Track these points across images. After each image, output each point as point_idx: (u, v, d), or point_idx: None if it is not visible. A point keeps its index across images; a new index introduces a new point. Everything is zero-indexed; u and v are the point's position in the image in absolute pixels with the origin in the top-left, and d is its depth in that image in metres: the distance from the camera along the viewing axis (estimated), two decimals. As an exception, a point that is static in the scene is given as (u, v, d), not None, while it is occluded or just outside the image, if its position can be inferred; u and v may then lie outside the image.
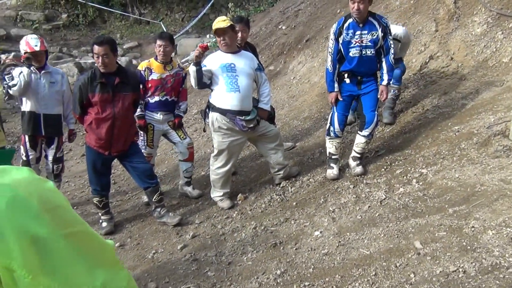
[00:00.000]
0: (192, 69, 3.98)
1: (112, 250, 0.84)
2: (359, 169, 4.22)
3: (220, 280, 3.21)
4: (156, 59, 4.48)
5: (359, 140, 4.25)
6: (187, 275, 3.37)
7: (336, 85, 4.19)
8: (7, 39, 13.43)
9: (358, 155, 4.29)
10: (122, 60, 12.04)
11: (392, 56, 4.08)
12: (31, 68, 4.31)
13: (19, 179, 0.74)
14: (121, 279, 0.81)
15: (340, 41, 4.07)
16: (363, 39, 4.01)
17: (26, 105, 4.43)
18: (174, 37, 13.28)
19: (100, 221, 4.25)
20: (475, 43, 5.67)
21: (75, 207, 4.76)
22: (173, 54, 5.24)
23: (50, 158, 4.58)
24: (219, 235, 3.85)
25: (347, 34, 4.02)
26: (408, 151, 4.31)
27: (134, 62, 12.00)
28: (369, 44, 4.03)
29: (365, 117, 4.19)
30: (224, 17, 4.14)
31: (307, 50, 7.82)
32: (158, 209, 4.19)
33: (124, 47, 14.20)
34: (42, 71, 4.39)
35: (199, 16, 14.11)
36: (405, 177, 3.91)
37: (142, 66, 4.48)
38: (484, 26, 5.76)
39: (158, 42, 4.39)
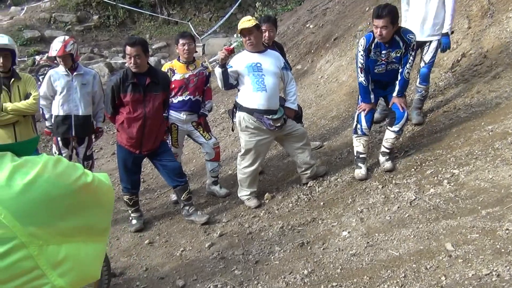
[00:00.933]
0: (218, 71, 4.00)
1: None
2: (388, 164, 4.18)
3: (247, 278, 3.23)
4: (179, 59, 4.52)
5: (389, 135, 4.21)
6: (215, 273, 3.39)
7: (372, 96, 4.25)
8: (41, 41, 13.88)
9: (387, 150, 4.25)
10: (151, 60, 12.23)
11: (407, 70, 4.11)
12: (65, 69, 4.39)
13: (46, 166, 0.80)
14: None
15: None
16: (388, 57, 4.09)
17: (58, 109, 4.46)
18: (202, 37, 13.45)
19: (130, 218, 4.32)
20: (509, 40, 5.49)
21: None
22: (200, 53, 5.27)
23: (81, 156, 4.69)
24: (246, 234, 3.86)
25: (375, 52, 4.08)
26: (439, 151, 4.22)
27: (163, 62, 12.17)
28: (394, 60, 4.11)
29: (395, 113, 4.15)
30: (249, 17, 4.14)
31: (335, 48, 7.75)
32: (187, 208, 4.23)
33: (153, 47, 14.42)
34: (74, 73, 4.45)
35: (226, 16, 14.20)
36: (436, 177, 3.83)
37: (165, 67, 4.53)
38: (520, 22, 5.57)
39: (181, 41, 4.43)
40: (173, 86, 4.45)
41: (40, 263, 0.71)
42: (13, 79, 3.95)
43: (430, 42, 4.79)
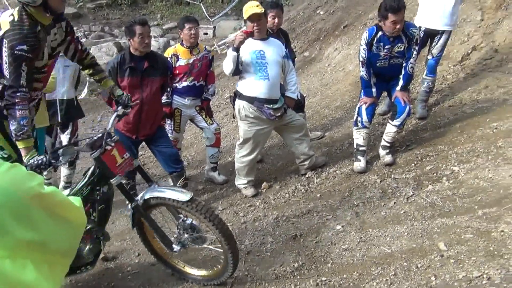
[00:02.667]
0: (232, 55, 3.87)
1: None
2: (388, 158, 4.14)
3: (237, 269, 3.20)
4: (182, 44, 4.46)
5: (390, 129, 4.16)
6: (206, 262, 3.38)
7: (374, 90, 4.20)
8: (51, 18, 13.86)
9: (388, 144, 4.21)
10: (160, 41, 12.13)
11: (411, 65, 4.05)
12: None
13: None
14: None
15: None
16: (391, 51, 4.03)
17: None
18: (213, 19, 13.29)
19: (127, 202, 4.30)
20: (522, 35, 5.35)
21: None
22: (210, 35, 5.17)
23: (65, 144, 4.40)
24: (240, 223, 3.85)
25: (377, 47, 4.03)
26: (441, 147, 4.14)
27: (172, 43, 12.08)
28: (397, 55, 4.05)
29: (397, 107, 4.08)
30: (256, 2, 4.04)
31: (344, 36, 7.62)
32: (183, 194, 4.22)
33: (164, 27, 14.33)
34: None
35: (239, -2, 14.00)
36: (435, 174, 3.76)
37: (168, 53, 4.46)
38: (534, 16, 5.42)
39: (187, 25, 4.36)
40: (177, 72, 4.41)
41: None
42: None
43: (442, 33, 4.66)
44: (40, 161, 2.30)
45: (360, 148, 4.22)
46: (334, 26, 8.22)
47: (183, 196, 2.64)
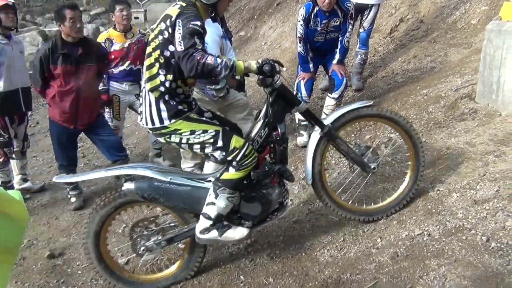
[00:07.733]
0: None
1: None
2: None
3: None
4: (115, 28, 4.31)
5: (329, 102, 4.28)
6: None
7: (311, 65, 4.27)
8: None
9: None
10: (89, 28, 11.61)
11: (347, 39, 4.16)
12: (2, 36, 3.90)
13: None
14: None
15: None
16: (328, 26, 4.09)
17: (3, 83, 3.89)
18: (143, 3, 12.84)
19: (69, 196, 4.16)
20: (444, 5, 5.65)
21: (43, 182, 4.66)
22: (141, 20, 5.02)
23: (21, 136, 4.26)
24: (189, 206, 3.82)
25: (314, 22, 4.07)
26: (377, 116, 4.32)
27: (102, 29, 11.58)
28: (333, 29, 4.13)
29: (335, 80, 4.20)
30: None
31: (278, 14, 7.68)
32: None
33: (91, 13, 13.71)
34: (12, 40, 3.99)
35: (168, -20, 13.61)
36: (373, 142, 3.93)
37: (101, 37, 4.30)
38: (454, -14, 5.73)
39: (118, 7, 4.22)
40: (112, 56, 4.27)
41: None
42: None
43: (371, 6, 4.83)
44: None
45: (302, 123, 4.31)
46: (267, 4, 8.25)
47: None
